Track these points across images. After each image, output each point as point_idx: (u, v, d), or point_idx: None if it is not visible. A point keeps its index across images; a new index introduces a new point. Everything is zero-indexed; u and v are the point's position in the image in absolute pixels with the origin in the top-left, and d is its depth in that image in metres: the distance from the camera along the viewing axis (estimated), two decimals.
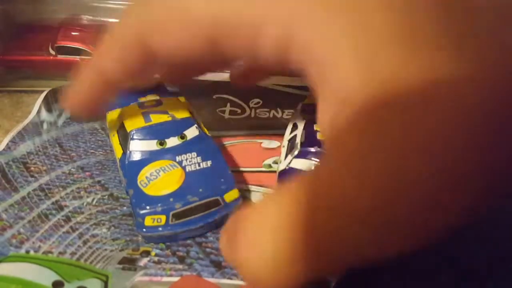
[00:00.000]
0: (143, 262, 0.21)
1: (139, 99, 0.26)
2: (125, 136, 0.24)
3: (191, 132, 0.24)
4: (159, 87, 0.27)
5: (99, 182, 0.25)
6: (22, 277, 0.19)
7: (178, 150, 0.23)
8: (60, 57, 0.35)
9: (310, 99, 0.27)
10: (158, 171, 0.23)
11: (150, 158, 0.23)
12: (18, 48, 0.36)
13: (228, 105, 0.31)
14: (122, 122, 0.24)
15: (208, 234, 0.22)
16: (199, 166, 0.23)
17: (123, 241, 0.22)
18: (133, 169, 0.23)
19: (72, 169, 0.26)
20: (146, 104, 0.25)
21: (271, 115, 0.30)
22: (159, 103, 0.25)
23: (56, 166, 0.26)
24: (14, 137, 0.27)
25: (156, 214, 0.21)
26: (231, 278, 0.20)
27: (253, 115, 0.30)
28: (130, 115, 0.24)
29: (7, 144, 0.26)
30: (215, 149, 0.24)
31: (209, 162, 0.23)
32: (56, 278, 0.19)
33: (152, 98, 0.26)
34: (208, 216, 0.22)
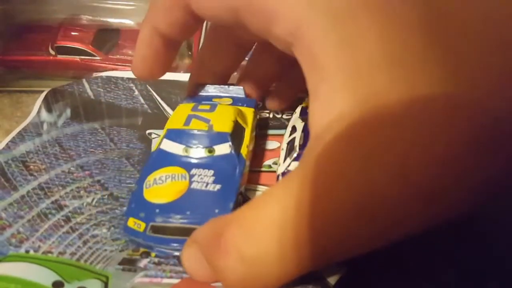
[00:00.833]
0: (143, 263, 0.21)
1: (213, 100, 0.26)
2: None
3: (222, 148, 0.23)
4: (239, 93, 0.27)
5: (99, 181, 0.25)
6: (22, 277, 0.19)
7: (198, 163, 0.22)
8: (60, 57, 0.35)
9: (308, 102, 0.27)
10: (167, 177, 0.22)
11: (169, 161, 0.23)
12: (18, 48, 0.36)
13: None
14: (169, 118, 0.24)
15: None
16: (206, 187, 0.21)
17: (123, 241, 0.22)
18: (152, 166, 0.23)
19: (71, 168, 0.26)
20: (199, 107, 0.25)
21: (271, 115, 0.30)
22: (212, 109, 0.24)
23: (55, 165, 0.26)
24: (14, 137, 0.27)
25: (138, 219, 0.21)
26: None
27: None
28: (178, 114, 0.24)
29: (7, 144, 0.26)
30: (236, 175, 0.22)
31: (217, 186, 0.21)
32: (56, 278, 0.19)
33: (225, 101, 0.26)
34: (184, 242, 0.19)
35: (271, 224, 0.13)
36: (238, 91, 0.27)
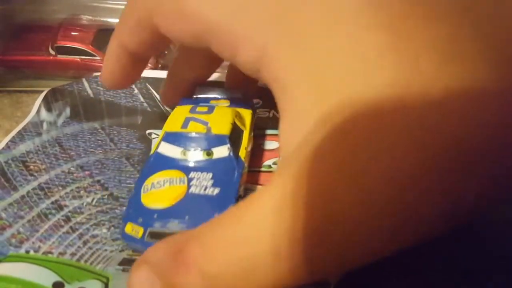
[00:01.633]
0: None
1: (210, 102, 0.26)
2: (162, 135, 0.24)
3: (220, 151, 0.23)
4: (235, 94, 0.27)
5: (99, 181, 0.25)
6: (22, 277, 0.19)
7: (196, 166, 0.22)
8: (60, 57, 0.35)
9: None
10: (165, 181, 0.22)
11: (167, 165, 0.22)
12: (18, 48, 0.36)
13: None
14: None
15: None
16: (205, 190, 0.21)
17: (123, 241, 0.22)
18: (149, 170, 0.22)
19: (71, 168, 0.26)
20: (197, 109, 0.24)
21: (271, 115, 0.30)
22: (210, 111, 0.24)
23: (55, 165, 0.26)
24: (13, 137, 0.27)
25: (136, 224, 0.20)
26: None
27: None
28: (176, 116, 0.24)
29: (7, 143, 0.26)
30: (235, 178, 0.22)
31: (216, 190, 0.21)
32: (56, 279, 0.19)
33: (223, 103, 0.26)
34: None
35: (231, 242, 0.13)
36: (235, 93, 0.27)
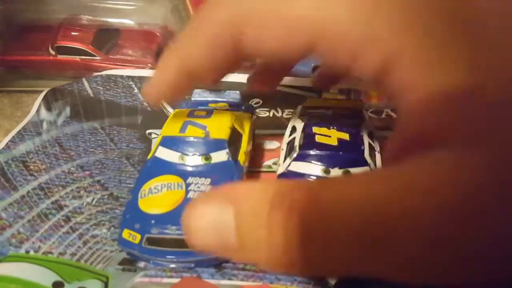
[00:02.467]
0: (143, 263, 0.21)
1: (209, 105, 0.25)
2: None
3: (219, 155, 0.22)
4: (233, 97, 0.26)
5: (99, 181, 0.25)
6: (22, 277, 0.19)
7: (195, 171, 0.22)
8: (60, 57, 0.35)
9: (310, 102, 0.27)
10: (162, 186, 0.21)
11: (165, 169, 0.22)
12: (18, 48, 0.36)
13: None
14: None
15: None
16: None
17: None
18: (147, 175, 0.22)
19: (71, 168, 0.26)
20: (195, 113, 0.24)
21: (271, 115, 0.30)
22: (209, 115, 0.24)
23: (55, 165, 0.26)
24: (13, 137, 0.27)
25: (133, 230, 0.20)
26: (231, 279, 0.20)
27: None
28: (174, 120, 0.24)
29: (7, 143, 0.26)
30: (234, 181, 0.22)
31: None
32: (56, 278, 0.19)
33: (221, 106, 0.25)
34: (181, 254, 0.20)
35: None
36: (234, 96, 0.27)
